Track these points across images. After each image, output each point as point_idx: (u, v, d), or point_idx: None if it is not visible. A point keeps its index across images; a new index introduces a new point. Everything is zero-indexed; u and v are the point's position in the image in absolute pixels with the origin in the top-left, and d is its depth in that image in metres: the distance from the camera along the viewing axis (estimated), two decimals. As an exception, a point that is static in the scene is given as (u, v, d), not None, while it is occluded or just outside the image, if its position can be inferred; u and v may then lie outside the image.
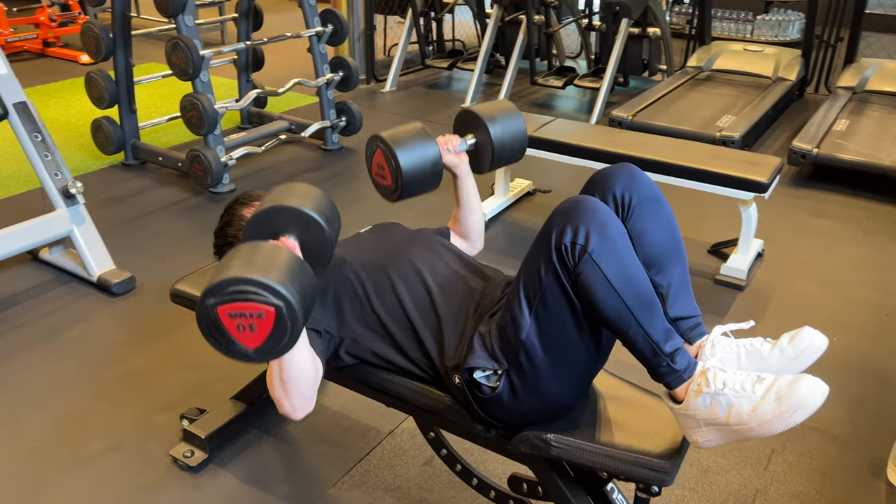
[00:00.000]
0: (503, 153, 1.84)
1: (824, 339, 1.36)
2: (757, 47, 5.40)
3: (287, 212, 1.42)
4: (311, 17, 3.97)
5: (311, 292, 1.31)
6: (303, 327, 1.28)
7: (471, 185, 1.87)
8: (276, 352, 1.26)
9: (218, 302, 1.22)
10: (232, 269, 1.23)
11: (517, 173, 3.75)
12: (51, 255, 2.93)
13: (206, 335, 1.27)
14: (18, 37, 6.03)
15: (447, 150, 1.80)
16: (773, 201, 3.59)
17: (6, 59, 2.71)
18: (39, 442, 2.05)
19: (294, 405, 1.44)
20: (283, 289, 1.22)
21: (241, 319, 1.22)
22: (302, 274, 1.29)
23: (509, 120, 1.84)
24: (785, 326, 2.60)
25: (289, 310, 1.22)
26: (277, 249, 1.29)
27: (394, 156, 1.67)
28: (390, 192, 1.74)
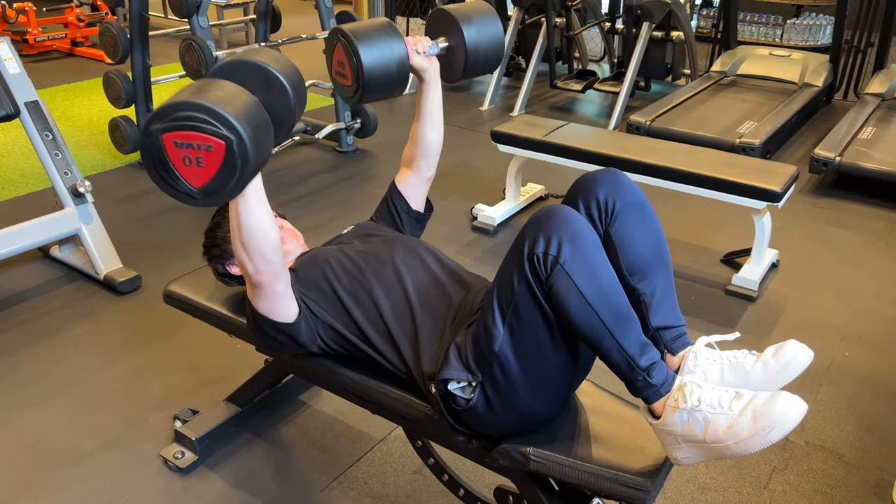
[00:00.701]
0: (477, 60, 1.70)
1: (809, 353, 1.31)
2: (784, 52, 5.29)
3: (252, 68, 1.33)
4: (326, 19, 3.97)
5: (267, 139, 1.23)
6: (254, 172, 1.21)
7: (437, 95, 1.75)
8: (223, 194, 1.20)
9: (164, 128, 1.15)
10: (183, 94, 1.15)
11: (529, 178, 3.71)
12: (60, 252, 2.96)
13: (150, 169, 1.20)
14: (47, 36, 6.15)
15: (416, 51, 1.66)
16: (792, 210, 3.50)
17: (19, 58, 2.74)
18: (34, 439, 2.07)
19: (257, 268, 1.40)
20: (236, 122, 1.14)
21: (188, 150, 1.15)
22: (258, 116, 1.21)
23: (486, 23, 1.70)
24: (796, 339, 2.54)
25: (240, 145, 1.15)
26: (238, 89, 1.21)
27: (355, 51, 1.50)
28: (350, 92, 1.59)
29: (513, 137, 3.19)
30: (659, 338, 1.42)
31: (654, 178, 2.90)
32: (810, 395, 2.29)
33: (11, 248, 2.65)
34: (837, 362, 2.44)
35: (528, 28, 5.56)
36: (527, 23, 5.49)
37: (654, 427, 1.32)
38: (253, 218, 1.34)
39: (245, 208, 1.32)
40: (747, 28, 6.42)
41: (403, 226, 1.84)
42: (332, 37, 1.59)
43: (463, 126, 4.76)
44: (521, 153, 3.23)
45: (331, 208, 3.54)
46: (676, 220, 3.44)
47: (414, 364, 1.50)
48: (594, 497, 1.60)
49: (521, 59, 5.85)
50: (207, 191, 1.18)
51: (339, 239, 1.79)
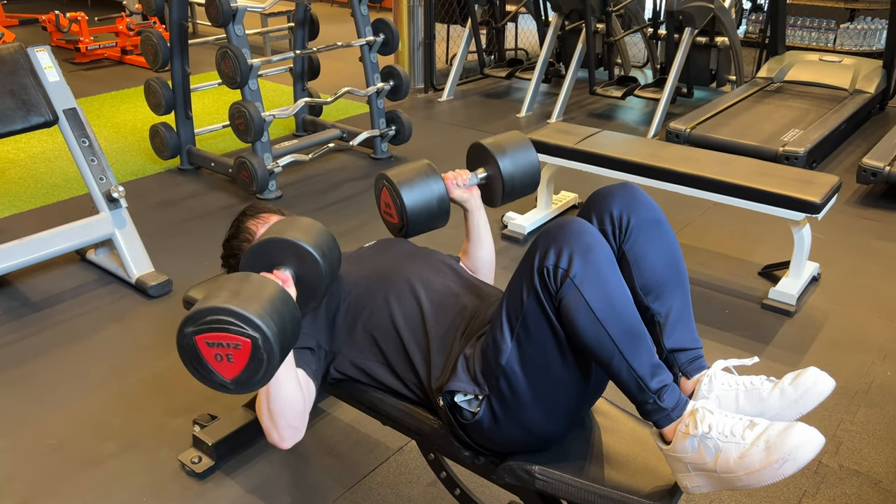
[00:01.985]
0: (514, 186, 1.82)
1: (830, 382, 1.24)
2: (835, 57, 5.11)
3: (284, 244, 1.44)
4: (362, 27, 3.99)
5: (293, 328, 1.31)
6: (280, 362, 1.27)
7: (481, 220, 1.84)
8: (253, 384, 1.26)
9: (196, 331, 1.24)
10: (214, 299, 1.24)
11: (562, 185, 3.66)
12: (96, 256, 3.03)
13: (186, 363, 1.28)
14: (98, 45, 6.34)
15: (456, 184, 1.78)
16: (836, 222, 3.37)
17: (58, 67, 2.82)
18: (57, 439, 2.11)
19: (282, 435, 1.43)
20: (260, 321, 1.22)
21: (219, 349, 1.23)
22: (285, 308, 1.29)
23: (519, 152, 1.82)
24: (834, 357, 2.44)
25: (265, 342, 1.22)
26: (265, 281, 1.30)
27: (398, 194, 1.70)
28: (397, 229, 1.77)
29: (544, 145, 3.14)
30: (673, 360, 1.37)
31: (686, 188, 2.82)
32: (847, 415, 2.18)
33: (48, 251, 2.72)
34: (878, 382, 2.33)
35: (568, 34, 5.51)
36: (567, 29, 5.44)
37: (664, 452, 1.27)
38: (281, 388, 1.38)
39: (274, 381, 1.35)
40: (798, 33, 6.24)
41: None
42: (378, 182, 1.76)
43: (499, 133, 4.72)
44: (552, 161, 3.18)
45: (362, 214, 3.54)
46: (713, 230, 3.34)
47: (425, 375, 1.48)
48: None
49: (561, 65, 5.79)
50: (238, 382, 1.26)
51: (360, 252, 1.79)
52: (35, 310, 2.75)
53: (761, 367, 2.40)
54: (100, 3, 9.36)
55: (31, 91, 2.71)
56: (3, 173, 4.04)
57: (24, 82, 2.70)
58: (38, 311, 2.74)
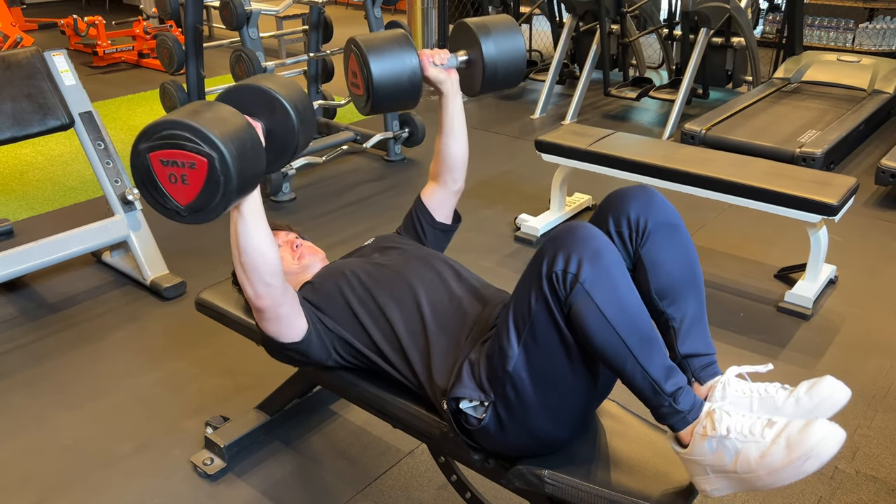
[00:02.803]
0: (496, 74, 1.68)
1: (846, 392, 1.22)
2: (853, 57, 5.05)
3: (257, 92, 1.37)
4: (376, 29, 3.99)
5: (255, 159, 1.25)
6: (239, 189, 1.22)
7: (456, 108, 1.73)
8: (209, 211, 1.22)
9: (150, 147, 1.18)
10: (171, 114, 1.19)
11: (575, 187, 3.64)
12: (111, 258, 3.05)
13: (140, 186, 1.24)
14: (116, 48, 6.40)
15: (433, 62, 1.66)
16: (854, 224, 3.33)
17: (74, 70, 2.85)
18: (72, 439, 2.13)
19: (257, 291, 1.40)
20: (218, 140, 1.16)
21: (173, 168, 1.18)
22: (246, 136, 1.23)
23: (506, 37, 1.68)
24: (851, 361, 2.41)
25: (221, 163, 1.17)
26: (231, 112, 1.24)
27: (366, 62, 1.52)
28: (362, 102, 1.61)
29: (557, 147, 3.13)
30: (686, 366, 1.36)
31: (701, 190, 2.80)
32: (865, 420, 2.15)
33: (64, 253, 2.74)
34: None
35: (583, 35, 5.48)
36: (581, 30, 5.41)
37: (681, 456, 1.26)
38: (251, 238, 1.34)
39: (243, 228, 1.33)
40: (815, 33, 6.18)
41: (427, 238, 1.82)
42: (347, 48, 1.62)
43: (512, 135, 4.71)
44: (565, 163, 3.17)
45: (376, 216, 3.55)
46: (729, 232, 3.31)
47: (426, 379, 1.47)
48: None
49: (575, 66, 5.77)
50: (193, 208, 1.21)
51: (360, 252, 1.79)
52: (51, 311, 2.78)
53: (777, 370, 2.38)
54: (117, 7, 9.47)
55: (48, 95, 2.73)
56: (22, 176, 4.08)
57: (41, 86, 2.73)
58: (54, 313, 2.76)
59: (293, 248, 1.79)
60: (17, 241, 3.26)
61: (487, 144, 4.52)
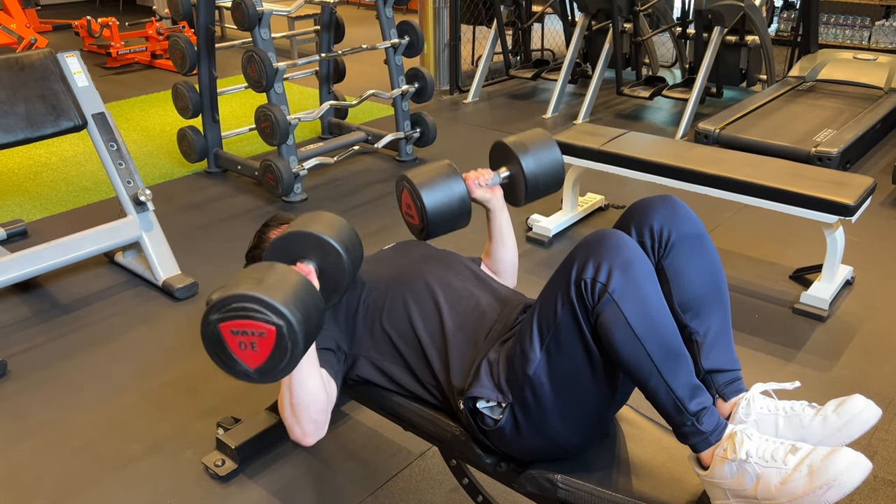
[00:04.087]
0: (538, 185, 1.79)
1: (876, 411, 1.19)
2: (869, 55, 4.99)
3: (307, 238, 1.44)
4: (387, 29, 3.99)
5: (317, 317, 1.30)
6: (304, 351, 1.26)
7: (504, 220, 1.81)
8: (277, 373, 1.25)
9: (221, 318, 1.23)
10: (238, 287, 1.24)
11: (588, 187, 3.62)
12: (124, 258, 3.06)
13: (210, 352, 1.28)
14: (129, 49, 6.43)
15: (478, 184, 1.75)
16: (872, 224, 3.28)
17: (87, 72, 2.86)
18: (84, 441, 2.13)
19: (304, 430, 1.42)
20: (284, 308, 1.21)
21: (243, 337, 1.22)
22: (309, 298, 1.28)
23: (543, 151, 1.79)
24: (868, 363, 2.38)
25: (289, 330, 1.22)
26: (288, 271, 1.29)
27: (418, 196, 1.67)
28: (418, 230, 1.75)
29: (569, 146, 3.11)
30: (710, 381, 1.34)
31: (715, 190, 2.77)
32: (882, 424, 2.12)
33: (77, 254, 2.75)
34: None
35: (595, 34, 5.45)
36: (593, 29, 5.39)
37: (701, 479, 1.24)
38: (304, 383, 1.37)
39: (297, 374, 1.35)
40: (831, 31, 6.12)
41: None
42: (399, 183, 1.74)
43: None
44: (577, 163, 3.15)
45: (386, 217, 3.54)
46: (743, 233, 3.28)
47: (444, 378, 1.47)
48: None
49: (588, 65, 5.74)
50: (262, 371, 1.25)
51: (379, 255, 1.78)
52: (64, 312, 2.79)
53: (792, 373, 2.35)
54: (130, 8, 9.52)
55: (61, 96, 2.74)
56: (36, 176, 4.11)
57: (55, 87, 2.74)
58: (67, 313, 2.77)
59: None
60: (30, 241, 3.28)
61: (499, 144, 4.50)
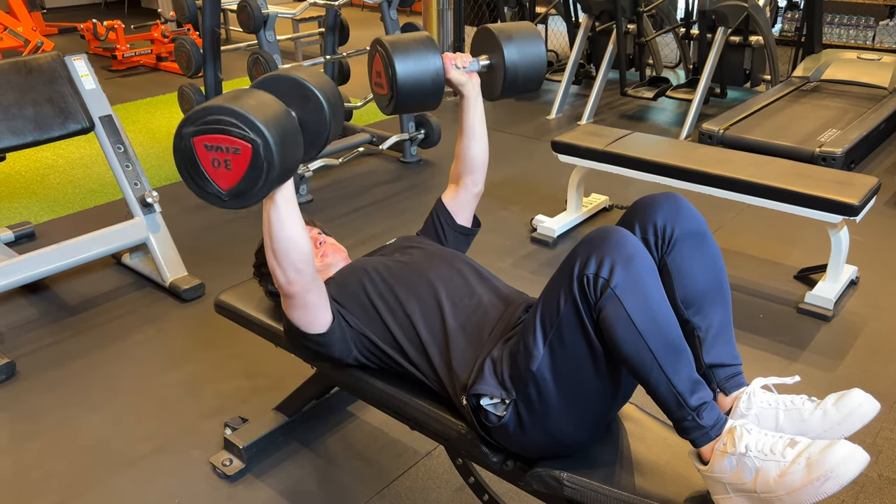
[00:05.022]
0: (517, 78, 1.71)
1: (874, 405, 1.20)
2: (873, 55, 4.99)
3: (290, 82, 1.39)
4: (392, 31, 4.00)
5: (295, 147, 1.27)
6: (280, 178, 1.24)
7: (477, 111, 1.75)
8: (250, 196, 1.23)
9: (195, 131, 1.20)
10: (215, 100, 1.21)
11: (593, 188, 3.63)
12: (131, 260, 3.08)
13: (181, 170, 1.25)
14: (134, 52, 6.45)
15: (455, 65, 1.68)
16: (876, 224, 3.29)
17: (94, 74, 2.88)
18: (92, 440, 2.15)
19: (288, 277, 1.40)
20: (262, 125, 1.18)
21: (217, 153, 1.20)
22: (288, 125, 1.25)
23: (527, 43, 1.71)
24: (873, 363, 2.38)
25: (265, 149, 1.19)
26: (271, 99, 1.26)
27: (391, 62, 1.56)
28: (386, 101, 1.65)
29: (574, 147, 3.12)
30: (711, 376, 1.35)
31: (720, 190, 2.78)
32: (888, 423, 2.13)
33: (84, 255, 2.77)
34: (919, 389, 2.27)
35: (599, 35, 5.46)
36: (597, 30, 5.39)
37: (701, 473, 1.25)
38: (284, 227, 1.35)
39: (276, 216, 1.33)
40: (835, 31, 6.12)
41: (447, 240, 1.82)
42: (373, 48, 1.65)
43: (528, 136, 4.70)
44: (582, 163, 3.16)
45: (392, 218, 3.55)
46: (748, 233, 3.28)
47: (445, 375, 1.48)
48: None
49: (591, 66, 5.75)
50: (235, 193, 1.22)
51: (382, 251, 1.79)
52: (72, 313, 2.81)
53: (797, 372, 2.35)
54: (136, 11, 9.56)
55: (69, 99, 2.76)
56: (43, 179, 4.13)
57: (62, 90, 2.76)
58: (75, 315, 2.79)
59: (316, 245, 1.79)
60: (38, 243, 3.30)
61: (503, 145, 4.51)
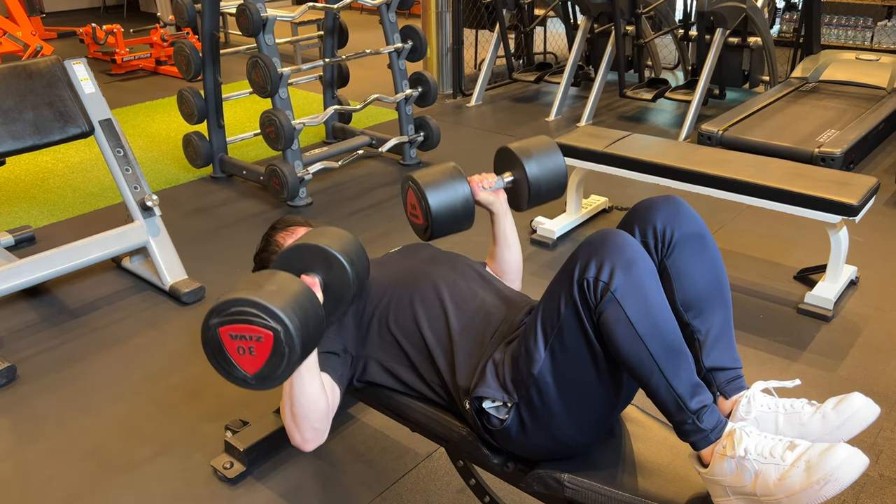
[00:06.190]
0: (540, 190, 1.81)
1: (874, 409, 1.21)
2: (872, 56, 5.00)
3: (313, 250, 1.46)
4: (391, 34, 4.01)
5: (317, 325, 1.32)
6: (302, 358, 1.27)
7: (507, 224, 1.83)
8: (275, 379, 1.27)
9: (220, 322, 1.25)
10: (238, 292, 1.25)
11: (592, 189, 3.63)
12: (131, 263, 3.08)
13: (210, 357, 1.29)
14: (134, 56, 6.46)
15: (482, 187, 1.78)
16: (876, 224, 3.29)
17: (94, 79, 2.88)
18: (93, 444, 2.15)
19: (304, 437, 1.44)
20: (282, 313, 1.22)
21: (241, 342, 1.24)
22: (309, 305, 1.30)
23: (546, 157, 1.82)
24: (873, 363, 2.38)
25: (286, 335, 1.23)
26: (290, 279, 1.31)
27: (423, 196, 1.69)
28: (422, 230, 1.76)
29: (572, 149, 3.12)
30: (711, 379, 1.35)
31: (719, 191, 2.78)
32: (888, 423, 2.13)
33: (85, 259, 2.77)
34: (920, 389, 2.27)
35: (597, 37, 5.47)
36: (596, 31, 5.40)
37: (702, 476, 1.25)
38: (305, 391, 1.39)
39: (298, 381, 1.37)
40: (833, 31, 6.13)
41: None
42: (405, 183, 1.76)
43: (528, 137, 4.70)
44: (581, 165, 3.16)
45: (391, 220, 3.56)
46: (747, 233, 3.29)
47: (449, 378, 1.48)
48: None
49: (590, 68, 5.75)
50: (259, 377, 1.27)
51: (386, 258, 1.80)
52: (72, 317, 2.81)
53: (797, 373, 2.35)
54: (135, 15, 9.57)
55: (69, 103, 2.77)
56: (43, 183, 4.14)
57: (62, 94, 2.77)
58: (75, 318, 2.79)
59: None
60: (38, 247, 3.30)
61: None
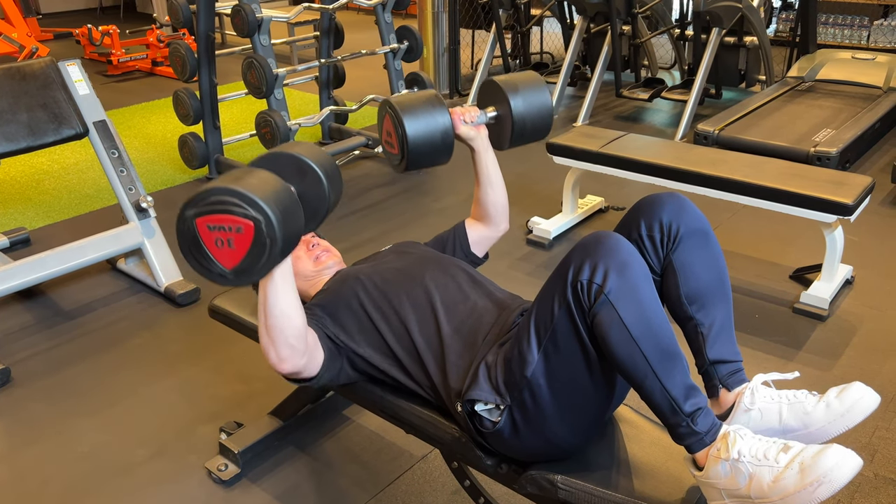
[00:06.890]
0: (525, 129, 1.73)
1: (875, 398, 1.22)
2: (868, 55, 5.00)
3: (288, 159, 1.40)
4: (386, 34, 4.01)
5: (296, 222, 1.28)
6: (282, 253, 1.24)
7: (490, 160, 1.76)
8: (254, 272, 1.24)
9: (197, 213, 1.21)
10: (216, 182, 1.22)
11: (588, 189, 3.63)
12: (126, 265, 3.08)
13: (185, 252, 1.25)
14: (130, 57, 6.45)
15: (463, 121, 1.70)
16: (871, 223, 3.29)
17: (88, 80, 2.88)
18: (88, 446, 2.14)
19: (280, 354, 1.38)
20: (264, 203, 1.19)
21: (220, 233, 1.20)
22: (288, 201, 1.26)
23: (533, 93, 1.73)
24: (868, 362, 2.39)
25: (268, 226, 1.20)
26: (268, 175, 1.27)
27: (400, 122, 1.59)
28: (397, 160, 1.67)
29: (568, 149, 3.12)
30: (714, 372, 1.36)
31: (715, 191, 2.78)
32: (883, 422, 2.13)
33: (79, 260, 2.76)
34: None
35: (594, 37, 5.47)
36: (592, 31, 5.40)
37: (697, 479, 1.25)
38: (279, 302, 1.34)
39: (273, 290, 1.33)
40: (829, 31, 6.13)
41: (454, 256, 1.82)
42: (382, 108, 1.67)
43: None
44: (577, 165, 3.16)
45: (386, 221, 3.55)
46: (743, 233, 3.29)
47: (440, 381, 1.47)
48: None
49: (587, 68, 5.75)
50: (238, 271, 1.23)
51: (376, 257, 1.79)
52: (67, 318, 2.80)
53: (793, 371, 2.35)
54: (131, 16, 9.56)
55: (63, 104, 2.76)
56: (38, 184, 4.13)
57: (56, 96, 2.76)
58: (70, 320, 2.79)
59: (309, 248, 1.76)
60: (33, 249, 3.30)
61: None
